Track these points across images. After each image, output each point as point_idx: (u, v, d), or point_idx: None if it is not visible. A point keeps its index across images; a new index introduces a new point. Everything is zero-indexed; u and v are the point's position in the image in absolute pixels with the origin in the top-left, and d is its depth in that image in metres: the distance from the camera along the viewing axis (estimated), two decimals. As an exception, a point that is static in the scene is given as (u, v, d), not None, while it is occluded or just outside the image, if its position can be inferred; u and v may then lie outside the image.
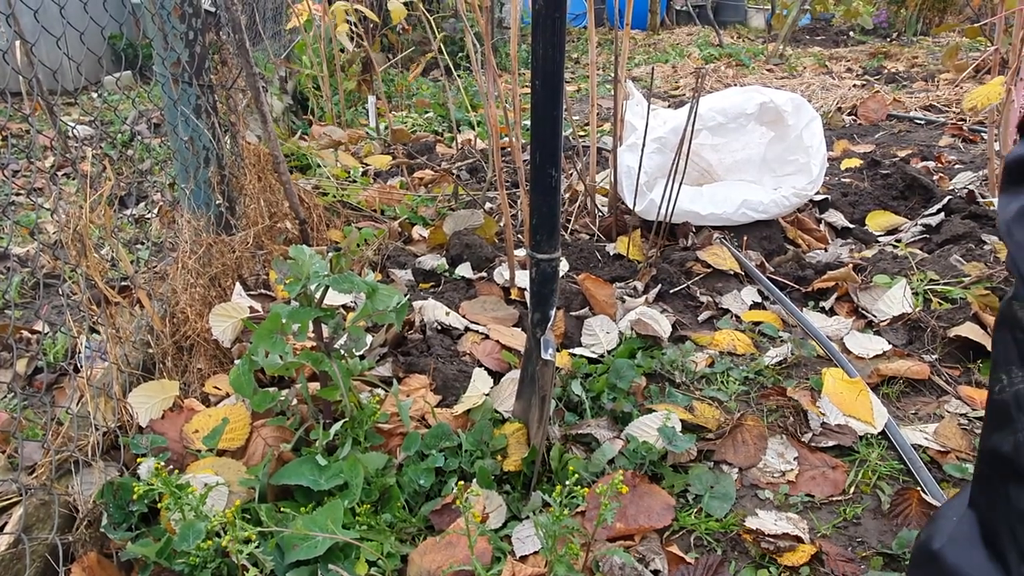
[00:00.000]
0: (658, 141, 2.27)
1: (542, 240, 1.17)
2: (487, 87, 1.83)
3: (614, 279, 2.07)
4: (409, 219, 2.50)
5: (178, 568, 1.06)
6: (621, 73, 2.20)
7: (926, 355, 1.69)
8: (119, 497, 1.19)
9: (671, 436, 1.34)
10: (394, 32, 4.77)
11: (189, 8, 1.75)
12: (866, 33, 7.03)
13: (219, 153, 1.90)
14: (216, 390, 1.54)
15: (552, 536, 1.02)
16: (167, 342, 1.57)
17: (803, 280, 2.06)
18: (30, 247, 2.44)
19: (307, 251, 1.22)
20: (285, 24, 4.26)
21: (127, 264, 1.58)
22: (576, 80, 5.21)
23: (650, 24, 7.79)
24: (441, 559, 1.11)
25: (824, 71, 5.26)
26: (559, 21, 1.02)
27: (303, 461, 1.22)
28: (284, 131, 3.43)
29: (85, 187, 1.45)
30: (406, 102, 4.39)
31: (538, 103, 1.07)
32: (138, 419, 1.40)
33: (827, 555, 1.15)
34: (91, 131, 3.22)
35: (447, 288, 2.04)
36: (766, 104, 2.32)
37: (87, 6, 1.49)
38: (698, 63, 5.73)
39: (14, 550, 1.06)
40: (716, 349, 1.73)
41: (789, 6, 5.96)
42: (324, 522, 1.09)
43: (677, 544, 1.19)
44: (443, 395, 1.53)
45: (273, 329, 1.19)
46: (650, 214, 2.19)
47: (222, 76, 1.91)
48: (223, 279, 1.81)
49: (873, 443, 1.41)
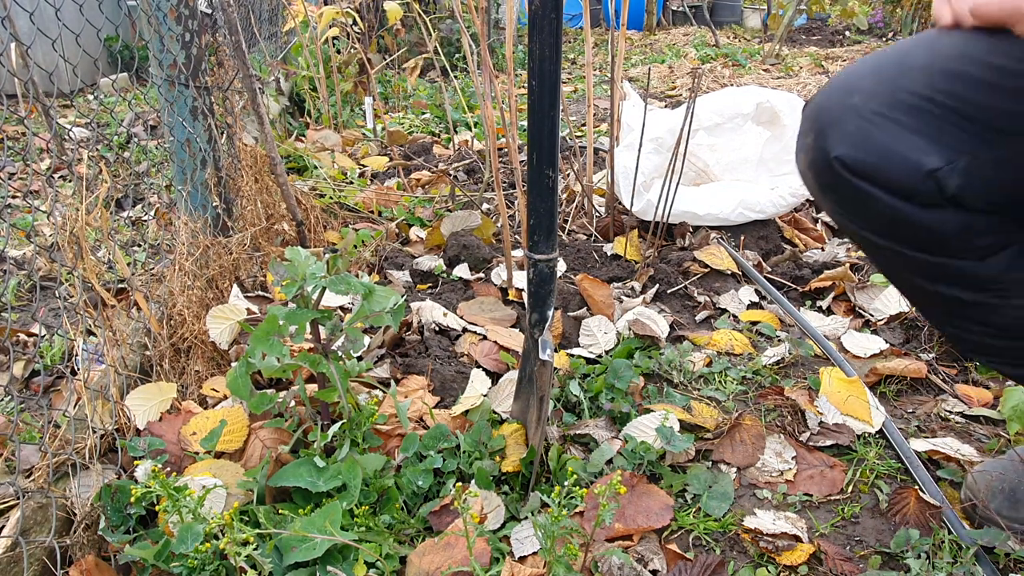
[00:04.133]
0: (655, 141, 2.27)
1: (539, 241, 1.17)
2: (483, 88, 1.83)
3: (612, 279, 2.07)
4: (406, 220, 2.50)
5: (176, 571, 1.06)
6: (617, 73, 2.20)
7: (923, 354, 1.69)
8: (117, 500, 1.19)
9: (669, 436, 1.34)
10: (390, 33, 4.77)
11: (185, 10, 1.74)
12: (862, 33, 7.04)
13: (216, 155, 1.90)
14: (214, 392, 1.53)
15: (551, 537, 1.02)
16: (164, 344, 1.57)
17: (800, 279, 2.06)
18: (26, 250, 2.43)
19: (304, 253, 1.21)
20: (281, 26, 4.26)
21: (124, 266, 1.58)
22: (573, 81, 5.21)
23: (646, 24, 7.79)
24: (440, 560, 1.11)
25: (820, 71, 5.27)
26: (556, 22, 1.01)
27: (301, 463, 1.22)
28: (281, 133, 3.43)
29: (81, 189, 1.45)
30: (403, 103, 4.39)
31: (535, 104, 1.07)
32: (136, 422, 1.39)
33: (826, 554, 1.16)
34: (87, 133, 3.21)
35: (445, 289, 2.04)
36: (763, 104, 2.33)
37: (83, 8, 1.49)
38: (694, 63, 5.74)
39: (12, 553, 1.05)
40: (714, 349, 1.73)
41: (785, 6, 5.96)
42: (322, 524, 1.09)
43: (676, 544, 1.19)
44: (441, 396, 1.53)
45: (270, 331, 1.19)
46: (647, 214, 2.20)
47: (218, 78, 1.90)
48: (220, 281, 1.81)
49: (871, 442, 1.41)
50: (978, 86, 0.84)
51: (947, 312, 1.02)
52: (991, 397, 1.53)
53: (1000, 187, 0.87)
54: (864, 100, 0.90)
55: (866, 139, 0.89)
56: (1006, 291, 0.94)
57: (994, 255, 0.92)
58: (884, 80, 0.90)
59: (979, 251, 0.92)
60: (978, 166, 0.86)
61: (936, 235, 0.91)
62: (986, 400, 1.52)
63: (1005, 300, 0.95)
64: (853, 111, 0.90)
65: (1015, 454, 1.23)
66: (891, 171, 0.88)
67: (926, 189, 0.87)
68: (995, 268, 0.93)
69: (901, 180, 0.88)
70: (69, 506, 1.16)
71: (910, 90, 0.87)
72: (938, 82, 0.86)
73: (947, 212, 0.89)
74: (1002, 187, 0.87)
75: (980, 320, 0.99)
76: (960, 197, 0.87)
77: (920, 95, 0.87)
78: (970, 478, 1.22)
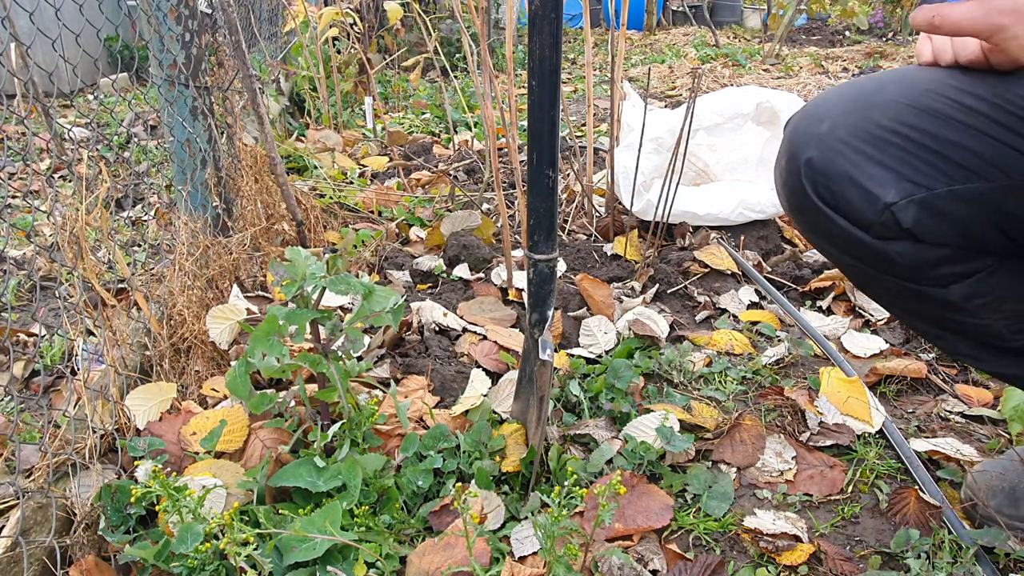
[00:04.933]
0: (655, 141, 2.27)
1: (539, 240, 1.17)
2: (483, 88, 1.83)
3: (612, 279, 2.07)
4: (406, 220, 2.50)
5: (176, 571, 1.06)
6: (617, 73, 2.20)
7: (923, 354, 1.69)
8: (117, 500, 1.19)
9: (669, 436, 1.34)
10: (390, 34, 4.77)
11: (185, 10, 1.74)
12: (862, 33, 7.04)
13: (216, 155, 1.90)
14: (214, 392, 1.53)
15: (551, 537, 1.02)
16: (164, 344, 1.57)
17: (800, 279, 2.06)
18: (26, 250, 2.43)
19: (304, 253, 1.21)
20: (281, 26, 4.26)
21: (124, 266, 1.58)
22: (573, 81, 5.21)
23: (646, 24, 7.79)
24: (440, 560, 1.10)
25: (820, 71, 5.27)
26: (556, 21, 1.01)
27: (301, 463, 1.22)
28: (281, 133, 3.43)
29: (81, 189, 1.45)
30: (403, 103, 4.39)
31: (535, 104, 1.07)
32: (135, 422, 1.39)
33: (826, 554, 1.16)
34: (87, 133, 3.21)
35: (445, 289, 2.04)
36: (763, 104, 2.33)
37: (83, 8, 1.49)
38: (694, 63, 5.74)
39: (12, 553, 1.05)
40: (714, 349, 1.73)
41: (785, 6, 5.96)
42: (322, 524, 1.09)
43: (676, 544, 1.19)
44: (441, 396, 1.53)
45: (270, 331, 1.19)
46: (647, 214, 2.20)
47: (218, 78, 1.90)
48: (220, 281, 1.81)
49: (871, 442, 1.41)
50: (946, 123, 0.85)
51: (924, 321, 1.03)
52: (991, 397, 1.53)
53: (954, 224, 0.88)
54: (831, 128, 0.90)
55: (829, 166, 0.90)
56: (974, 313, 0.95)
57: (955, 283, 0.93)
58: (853, 110, 0.90)
59: (940, 279, 0.93)
60: (935, 201, 0.86)
61: (894, 264, 0.92)
62: (986, 400, 1.52)
63: (976, 318, 0.96)
64: (820, 138, 0.91)
65: (1015, 454, 1.23)
66: (850, 200, 0.89)
67: (883, 221, 0.88)
68: (958, 295, 0.93)
69: (859, 210, 0.89)
70: (69, 506, 1.16)
71: (877, 122, 0.88)
72: (906, 115, 0.87)
73: (904, 244, 0.90)
74: (956, 224, 0.88)
75: (956, 331, 0.99)
76: (915, 231, 0.88)
77: (886, 127, 0.87)
78: (970, 478, 1.22)
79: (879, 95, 0.90)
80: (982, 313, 0.95)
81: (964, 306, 0.94)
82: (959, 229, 0.88)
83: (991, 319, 0.95)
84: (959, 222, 0.87)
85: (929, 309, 0.98)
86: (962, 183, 0.86)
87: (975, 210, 0.87)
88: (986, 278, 0.93)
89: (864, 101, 0.91)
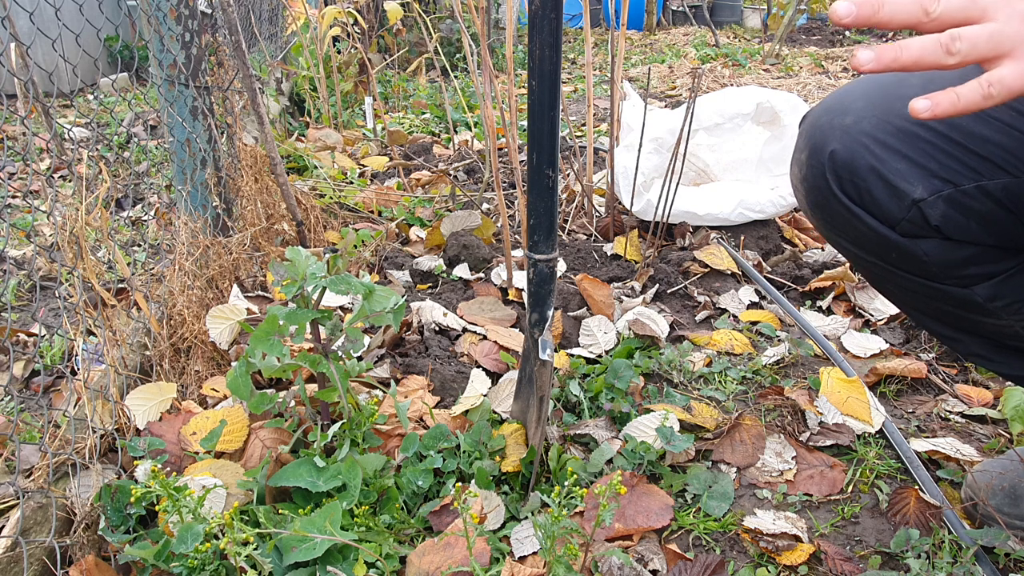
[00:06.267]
0: (655, 141, 2.27)
1: (539, 240, 1.17)
2: (483, 88, 1.83)
3: (612, 279, 2.07)
4: (406, 220, 2.50)
5: (176, 571, 1.06)
6: (617, 73, 2.20)
7: (923, 354, 1.69)
8: (117, 500, 1.19)
9: (669, 436, 1.34)
10: (390, 33, 4.77)
11: (185, 10, 1.74)
12: (862, 33, 7.04)
13: (216, 155, 1.90)
14: (214, 392, 1.53)
15: (551, 537, 1.02)
16: (164, 344, 1.57)
17: (800, 279, 2.06)
18: (26, 250, 2.43)
19: (304, 252, 1.21)
20: (282, 26, 4.26)
21: (124, 266, 1.58)
22: (573, 81, 5.21)
23: (646, 24, 7.79)
24: (440, 560, 1.10)
25: (820, 71, 5.27)
26: (556, 21, 1.01)
27: (301, 463, 1.22)
28: (281, 133, 3.43)
29: (81, 189, 1.45)
30: (403, 103, 4.39)
31: (535, 104, 1.07)
32: (135, 422, 1.39)
33: (826, 554, 1.16)
34: (87, 133, 3.21)
35: (445, 289, 2.04)
36: (763, 104, 2.33)
37: (83, 8, 1.49)
38: (694, 63, 5.74)
39: (12, 553, 1.05)
40: (714, 349, 1.73)
41: (785, 6, 5.96)
42: (322, 524, 1.09)
43: (676, 544, 1.19)
44: (441, 396, 1.53)
45: (270, 331, 1.19)
46: (647, 214, 2.20)
47: (219, 78, 1.90)
48: (220, 281, 1.81)
49: (871, 442, 1.41)
50: (971, 116, 0.83)
51: (938, 321, 1.02)
52: (991, 397, 1.53)
53: (982, 220, 0.86)
54: (856, 121, 0.89)
55: (854, 160, 0.88)
56: (994, 314, 0.94)
57: (979, 284, 0.92)
58: (878, 102, 0.89)
59: (965, 279, 0.91)
60: (962, 198, 0.85)
61: (920, 262, 0.91)
62: (986, 400, 1.52)
63: (995, 319, 0.95)
64: (844, 130, 0.89)
65: (1015, 453, 1.23)
66: (876, 196, 0.88)
67: (910, 218, 0.87)
68: (981, 295, 0.92)
69: (885, 207, 0.88)
70: (69, 506, 1.16)
71: (902, 114, 0.86)
72: None
73: (931, 242, 0.88)
74: (984, 221, 0.86)
75: (972, 331, 0.99)
76: (943, 228, 0.86)
77: (912, 120, 0.85)
78: (970, 477, 1.22)
79: (903, 87, 0.88)
80: (1003, 314, 0.93)
81: (986, 307, 0.93)
82: (986, 226, 0.86)
83: (1011, 320, 0.94)
84: (986, 219, 0.86)
85: (947, 309, 0.97)
86: (989, 178, 0.84)
87: (1002, 206, 0.85)
88: (1009, 279, 0.92)
89: (889, 94, 0.89)
